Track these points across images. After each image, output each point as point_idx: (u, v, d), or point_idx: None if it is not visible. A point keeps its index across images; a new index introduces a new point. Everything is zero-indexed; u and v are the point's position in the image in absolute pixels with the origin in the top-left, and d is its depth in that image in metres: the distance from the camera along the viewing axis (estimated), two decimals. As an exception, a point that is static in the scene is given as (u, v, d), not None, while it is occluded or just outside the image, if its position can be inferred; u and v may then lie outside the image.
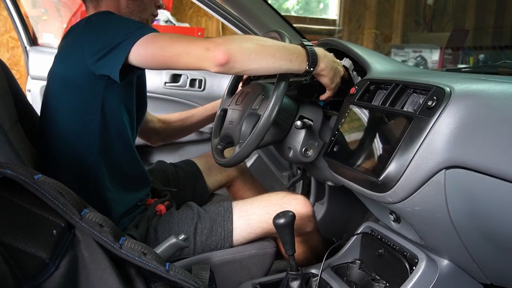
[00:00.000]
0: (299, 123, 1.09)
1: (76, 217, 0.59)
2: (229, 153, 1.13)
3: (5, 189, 0.58)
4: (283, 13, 4.28)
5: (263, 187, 1.60)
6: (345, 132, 0.97)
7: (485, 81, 0.81)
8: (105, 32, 0.97)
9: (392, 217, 0.98)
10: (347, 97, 1.03)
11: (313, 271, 1.07)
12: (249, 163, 1.98)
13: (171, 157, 1.88)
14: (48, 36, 2.96)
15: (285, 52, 0.95)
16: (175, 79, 2.02)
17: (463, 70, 1.43)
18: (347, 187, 0.98)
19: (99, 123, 1.04)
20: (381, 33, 5.04)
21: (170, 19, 3.27)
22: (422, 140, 0.75)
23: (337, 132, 0.99)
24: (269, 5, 1.77)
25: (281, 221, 0.93)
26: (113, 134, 1.08)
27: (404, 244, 0.99)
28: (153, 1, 1.17)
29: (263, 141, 1.04)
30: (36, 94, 2.00)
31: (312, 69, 0.98)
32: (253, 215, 1.11)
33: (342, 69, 1.07)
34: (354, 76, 1.13)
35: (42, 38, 2.89)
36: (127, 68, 0.95)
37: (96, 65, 0.97)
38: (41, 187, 0.58)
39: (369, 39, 5.03)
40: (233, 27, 1.77)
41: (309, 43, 1.01)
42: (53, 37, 2.94)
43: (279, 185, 2.02)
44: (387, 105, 0.88)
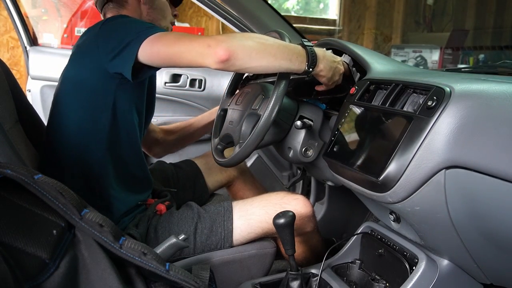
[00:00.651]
0: (299, 123, 1.09)
1: (76, 217, 0.59)
2: (229, 153, 1.13)
3: (5, 189, 0.58)
4: (283, 13, 4.28)
5: (263, 187, 1.60)
6: (345, 132, 0.97)
7: (485, 81, 0.81)
8: (119, 32, 0.99)
9: (392, 217, 0.98)
10: (347, 97, 1.03)
11: (313, 271, 1.07)
12: (249, 163, 1.98)
13: (171, 157, 1.88)
14: (48, 36, 2.96)
15: (285, 51, 0.95)
16: (175, 79, 2.02)
17: (463, 70, 1.43)
18: (347, 187, 0.98)
19: (109, 121, 1.06)
20: (381, 33, 5.04)
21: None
22: (422, 140, 0.75)
23: (337, 132, 0.99)
24: (269, 5, 1.77)
25: (281, 221, 0.93)
26: (122, 133, 1.10)
27: (404, 244, 0.99)
28: (171, 10, 1.24)
29: (263, 141, 1.04)
30: (36, 94, 2.00)
31: (311, 69, 0.99)
32: (253, 215, 1.11)
33: (342, 68, 1.08)
34: (353, 72, 1.13)
35: (42, 38, 2.89)
36: (138, 67, 0.97)
37: (110, 64, 0.99)
38: (41, 187, 0.58)
39: (369, 39, 5.03)
40: (233, 27, 1.77)
41: (309, 43, 1.01)
42: (53, 37, 2.94)
43: (279, 185, 2.02)
44: (387, 105, 0.88)
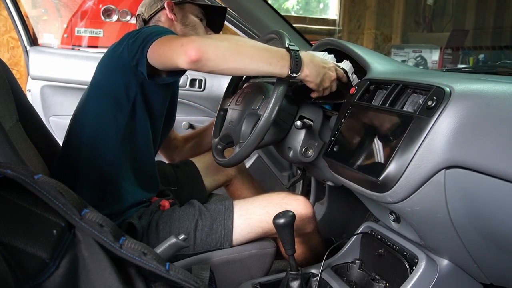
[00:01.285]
0: (299, 123, 1.09)
1: (76, 217, 0.59)
2: (229, 153, 1.13)
3: (5, 189, 0.58)
4: (283, 13, 4.29)
5: (261, 186, 1.60)
6: (345, 132, 0.97)
7: (485, 81, 0.81)
8: (142, 34, 1.04)
9: (392, 217, 0.99)
10: (347, 97, 1.03)
11: (313, 271, 1.07)
12: (249, 163, 1.98)
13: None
14: (48, 36, 2.97)
15: (265, 54, 0.94)
16: (175, 79, 2.02)
17: (463, 70, 1.43)
18: (347, 187, 0.98)
19: (127, 117, 1.11)
20: (381, 33, 5.04)
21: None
22: (422, 140, 0.75)
23: (337, 132, 0.99)
24: (269, 5, 1.77)
25: (281, 221, 0.93)
26: (138, 130, 1.15)
27: (404, 244, 0.99)
28: (204, 28, 1.32)
29: (263, 141, 1.04)
30: (36, 94, 2.00)
31: (295, 74, 0.96)
32: (253, 215, 1.11)
33: (333, 74, 1.04)
34: (354, 79, 1.11)
35: (42, 38, 2.90)
36: (154, 69, 1.02)
37: (133, 60, 1.04)
38: (41, 187, 0.58)
39: (369, 39, 5.03)
40: (233, 27, 1.77)
41: (295, 47, 0.99)
42: (53, 37, 2.94)
43: (279, 185, 2.02)
44: (387, 105, 0.88)
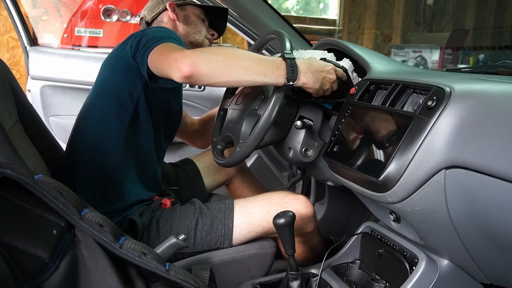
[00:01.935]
0: (299, 123, 1.09)
1: (76, 217, 0.59)
2: (229, 153, 1.13)
3: (5, 189, 0.58)
4: (283, 13, 4.29)
5: (261, 186, 1.60)
6: (345, 132, 0.97)
7: (485, 81, 0.81)
8: (150, 34, 1.06)
9: (392, 217, 0.99)
10: (346, 97, 1.03)
11: (313, 271, 1.07)
12: (249, 163, 1.98)
13: (171, 157, 1.88)
14: (48, 36, 2.97)
15: (259, 65, 0.95)
16: (175, 79, 2.02)
17: (463, 70, 1.43)
18: (347, 187, 0.98)
19: (130, 115, 1.13)
20: (381, 33, 5.04)
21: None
22: (422, 140, 0.75)
23: (337, 132, 0.99)
24: (269, 5, 1.76)
25: (281, 221, 0.93)
26: (139, 130, 1.17)
27: (404, 244, 0.99)
28: (206, 28, 1.34)
29: (263, 141, 1.04)
30: (36, 94, 2.00)
31: (291, 83, 0.96)
32: (254, 214, 1.12)
33: (332, 76, 1.04)
34: (354, 77, 1.12)
35: (42, 38, 2.90)
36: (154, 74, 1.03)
37: (136, 62, 1.07)
38: (41, 187, 0.58)
39: (369, 39, 5.04)
40: (233, 27, 1.77)
41: (291, 55, 0.98)
42: (53, 37, 2.95)
43: (279, 185, 2.02)
44: (387, 105, 0.88)
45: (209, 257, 1.07)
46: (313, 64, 1.01)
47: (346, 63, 1.11)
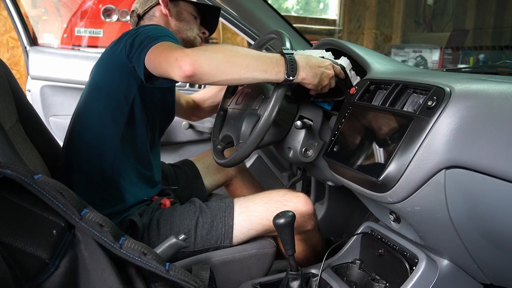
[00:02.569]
0: (299, 123, 1.09)
1: (76, 217, 0.59)
2: (229, 153, 1.13)
3: (5, 189, 0.58)
4: (283, 13, 4.29)
5: (261, 186, 1.60)
6: (345, 132, 0.97)
7: (485, 81, 0.81)
8: (144, 33, 1.04)
9: (392, 217, 0.98)
10: (347, 97, 1.03)
11: (313, 271, 1.07)
12: (249, 163, 1.98)
13: (171, 158, 1.88)
14: (48, 36, 2.97)
15: (259, 62, 0.94)
16: (175, 79, 2.02)
17: (463, 70, 1.43)
18: (347, 187, 0.98)
19: (126, 115, 1.12)
20: (381, 33, 5.04)
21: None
22: (422, 140, 0.75)
23: (337, 132, 0.99)
24: (269, 5, 1.77)
25: (281, 221, 0.93)
26: (137, 129, 1.15)
27: (404, 244, 0.99)
28: (198, 26, 1.33)
29: (263, 141, 1.04)
30: (36, 94, 2.00)
31: (291, 78, 0.96)
32: (254, 212, 1.12)
33: (331, 72, 1.04)
34: (352, 75, 1.12)
35: (42, 38, 2.90)
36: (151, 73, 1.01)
37: (131, 62, 1.05)
38: (41, 187, 0.58)
39: (369, 39, 5.04)
40: (233, 27, 1.77)
41: (289, 51, 0.99)
42: (53, 37, 2.95)
43: (279, 185, 2.02)
44: (387, 105, 0.88)
45: (209, 257, 1.07)
46: (311, 59, 1.01)
47: (344, 61, 1.11)
